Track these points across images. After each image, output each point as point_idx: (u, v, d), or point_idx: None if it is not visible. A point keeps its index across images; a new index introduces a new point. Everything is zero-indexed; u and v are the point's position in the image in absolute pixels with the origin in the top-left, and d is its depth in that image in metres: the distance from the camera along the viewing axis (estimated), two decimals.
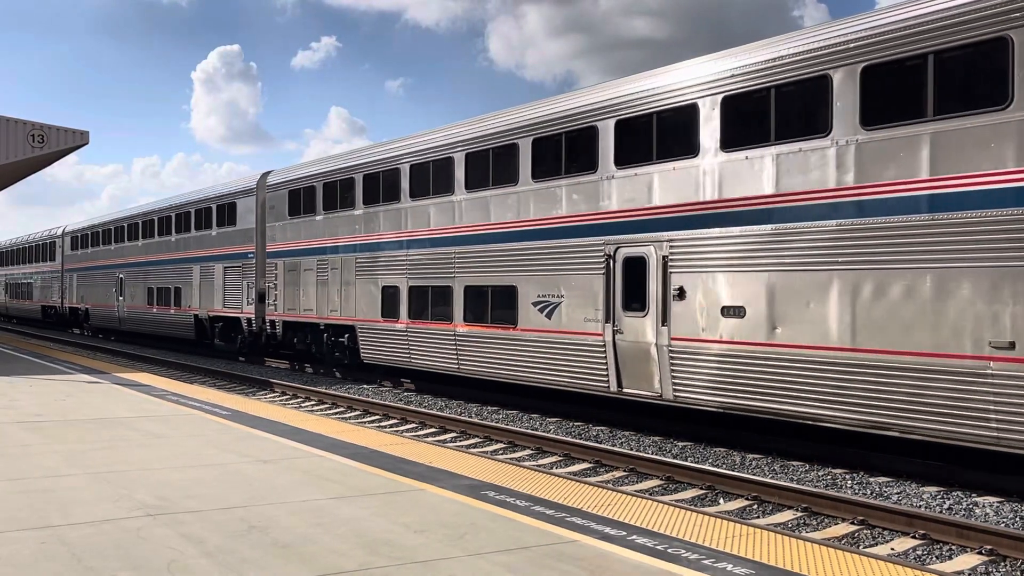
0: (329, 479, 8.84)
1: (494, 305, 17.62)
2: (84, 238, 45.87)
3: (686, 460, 12.73)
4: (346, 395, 19.76)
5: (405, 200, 20.44)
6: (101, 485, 8.36)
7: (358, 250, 22.26)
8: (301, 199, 25.07)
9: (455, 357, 18.62)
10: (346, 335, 22.95)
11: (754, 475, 11.59)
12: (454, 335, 18.57)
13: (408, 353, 20.17)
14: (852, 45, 11.45)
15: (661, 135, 14.20)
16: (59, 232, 50.26)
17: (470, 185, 18.40)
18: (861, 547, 8.83)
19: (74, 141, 24.86)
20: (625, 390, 14.68)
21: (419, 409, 17.68)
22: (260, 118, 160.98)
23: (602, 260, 15.07)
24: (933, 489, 10.83)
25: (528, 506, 7.78)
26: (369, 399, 19.21)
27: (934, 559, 8.51)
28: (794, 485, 10.75)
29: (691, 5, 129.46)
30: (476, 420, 16.33)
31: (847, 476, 11.59)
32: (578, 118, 15.69)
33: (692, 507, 8.95)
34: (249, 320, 28.01)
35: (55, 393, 15.96)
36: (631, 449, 13.60)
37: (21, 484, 8.34)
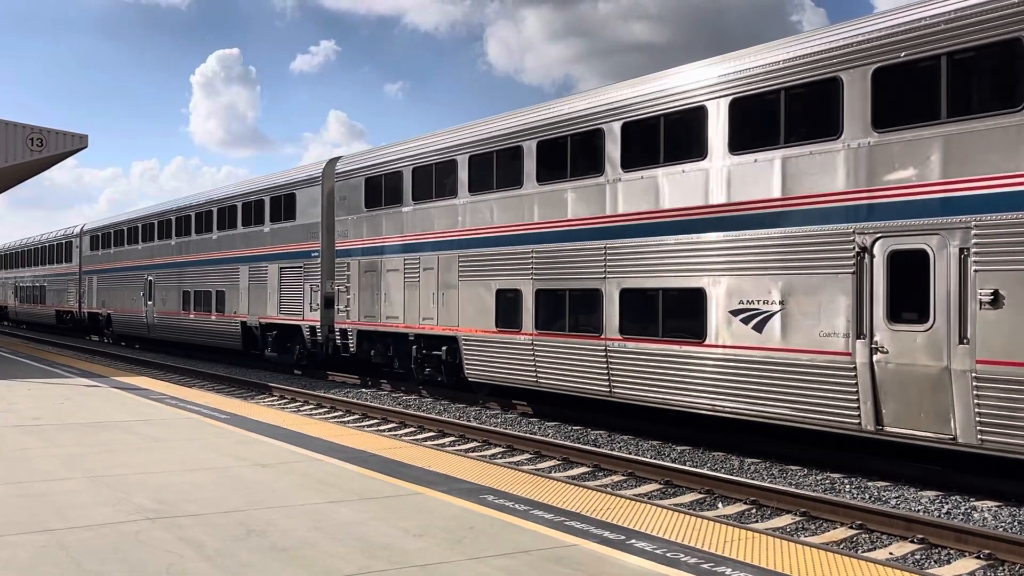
0: (327, 483, 8.84)
1: (667, 313, 14.17)
2: (105, 237, 41.76)
3: (685, 464, 12.73)
4: (344, 399, 19.76)
5: (530, 185, 16.82)
6: (100, 489, 8.36)
7: (462, 247, 18.62)
8: (383, 188, 21.50)
9: (605, 378, 15.02)
10: (443, 348, 19.31)
11: (752, 479, 11.59)
12: (604, 351, 15.04)
13: (534, 371, 16.57)
14: None
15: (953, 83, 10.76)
16: (76, 231, 46.04)
17: (629, 163, 14.80)
18: (859, 551, 8.83)
19: (73, 145, 24.88)
20: (888, 428, 11.14)
21: (417, 413, 17.68)
22: (259, 122, 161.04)
23: (851, 254, 11.51)
24: (931, 493, 10.84)
25: (527, 510, 7.78)
26: (367, 403, 19.20)
27: (932, 563, 8.51)
28: (792, 489, 10.76)
29: (690, 9, 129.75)
30: (474, 424, 16.33)
31: (845, 480, 11.59)
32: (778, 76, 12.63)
33: (691, 511, 8.95)
34: (312, 328, 24.53)
35: (53, 397, 15.95)
36: (630, 453, 13.60)
37: (19, 488, 8.34)
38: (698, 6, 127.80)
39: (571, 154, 16.04)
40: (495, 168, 17.82)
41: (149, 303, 35.83)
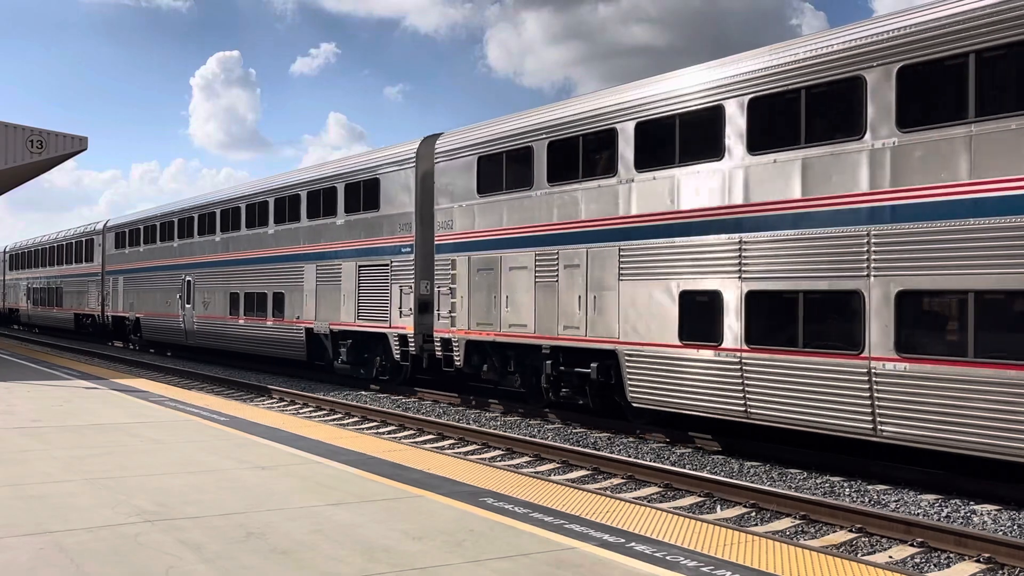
0: (327, 485, 8.84)
1: (994, 324, 10.37)
2: (133, 234, 37.30)
3: (684, 467, 12.73)
4: (344, 401, 19.75)
5: (734, 155, 13.10)
6: (99, 491, 8.35)
7: (623, 237, 14.90)
8: (503, 167, 17.74)
9: (868, 411, 11.33)
10: (593, 364, 15.47)
11: (752, 483, 11.59)
12: (867, 374, 11.33)
13: (742, 399, 12.84)
14: None
15: None
16: (99, 227, 41.55)
17: (909, 122, 11.13)
18: (859, 555, 8.83)
19: (73, 147, 24.88)
20: None
21: (417, 416, 17.67)
22: (259, 124, 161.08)
23: None
24: (931, 497, 10.84)
25: (527, 513, 7.78)
26: (367, 405, 19.19)
27: (932, 567, 8.51)
28: (792, 493, 10.75)
29: (689, 13, 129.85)
30: (474, 427, 16.32)
31: (845, 484, 11.59)
32: None
33: (690, 514, 8.95)
34: (402, 337, 20.67)
35: (53, 399, 15.95)
36: (629, 456, 13.60)
37: (19, 490, 8.33)
38: (698, 9, 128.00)
39: (808, 112, 12.37)
40: (677, 137, 14.19)
41: (187, 307, 31.64)
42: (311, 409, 19.57)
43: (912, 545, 8.97)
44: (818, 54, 12.10)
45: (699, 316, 13.60)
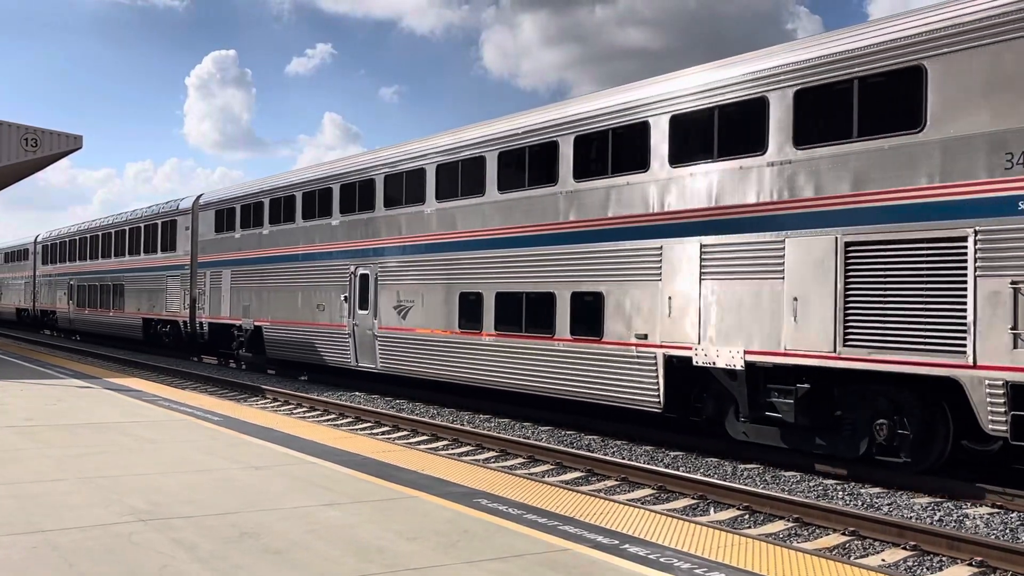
0: (321, 486, 8.83)
1: None
2: (250, 211, 27.23)
3: (678, 469, 12.74)
4: (338, 402, 19.73)
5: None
6: (93, 490, 8.34)
7: None
8: None
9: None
10: None
11: (745, 485, 11.61)
12: None
13: None
14: None
15: None
16: (184, 204, 32.15)
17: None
18: (852, 558, 8.85)
19: (67, 145, 24.81)
20: None
21: (411, 417, 17.66)
22: (254, 124, 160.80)
23: None
24: (924, 500, 10.87)
25: (521, 514, 7.78)
26: (361, 406, 19.17)
27: (925, 570, 8.53)
28: (785, 495, 10.77)
29: (686, 16, 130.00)
30: (468, 428, 16.32)
31: (838, 487, 11.62)
32: None
33: (684, 517, 8.96)
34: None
35: (46, 398, 15.90)
36: (623, 458, 13.61)
37: (12, 489, 8.31)
38: (694, 12, 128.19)
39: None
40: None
41: (360, 312, 21.74)
42: (305, 409, 19.54)
43: (905, 548, 8.99)
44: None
45: None
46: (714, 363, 13.18)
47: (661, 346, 14.07)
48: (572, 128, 15.92)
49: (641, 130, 14.63)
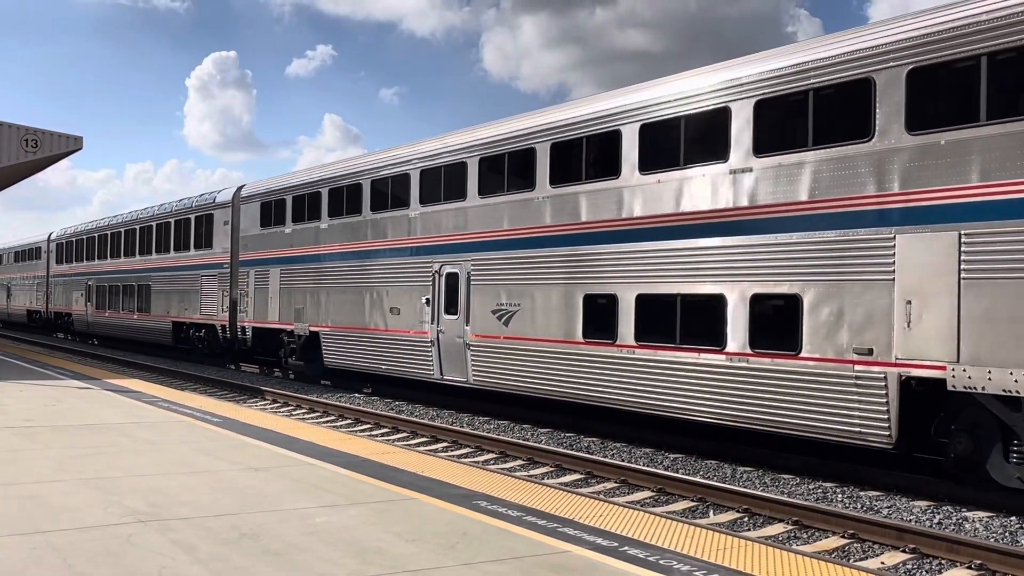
0: (320, 487, 8.83)
1: None
2: (303, 202, 24.06)
3: (678, 472, 12.74)
4: (337, 403, 19.72)
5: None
6: (92, 491, 8.33)
7: None
8: None
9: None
10: None
11: (745, 488, 11.61)
12: None
13: None
14: None
15: None
16: (222, 197, 28.91)
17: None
18: (852, 560, 8.85)
19: (67, 146, 24.86)
20: None
21: (410, 419, 17.65)
22: (254, 125, 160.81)
23: None
24: (923, 503, 10.87)
25: (520, 516, 7.78)
26: (360, 408, 19.17)
27: (924, 573, 8.53)
28: (785, 498, 10.77)
29: (686, 18, 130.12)
30: (467, 430, 16.30)
31: (837, 489, 11.62)
32: None
33: (684, 519, 8.96)
34: None
35: (45, 399, 15.90)
36: (623, 460, 13.60)
37: (11, 490, 8.31)
38: (694, 15, 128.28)
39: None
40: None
41: (446, 317, 18.59)
42: (304, 411, 19.54)
43: (904, 551, 8.99)
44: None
45: None
46: (983, 388, 10.16)
47: (896, 364, 11.07)
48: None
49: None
